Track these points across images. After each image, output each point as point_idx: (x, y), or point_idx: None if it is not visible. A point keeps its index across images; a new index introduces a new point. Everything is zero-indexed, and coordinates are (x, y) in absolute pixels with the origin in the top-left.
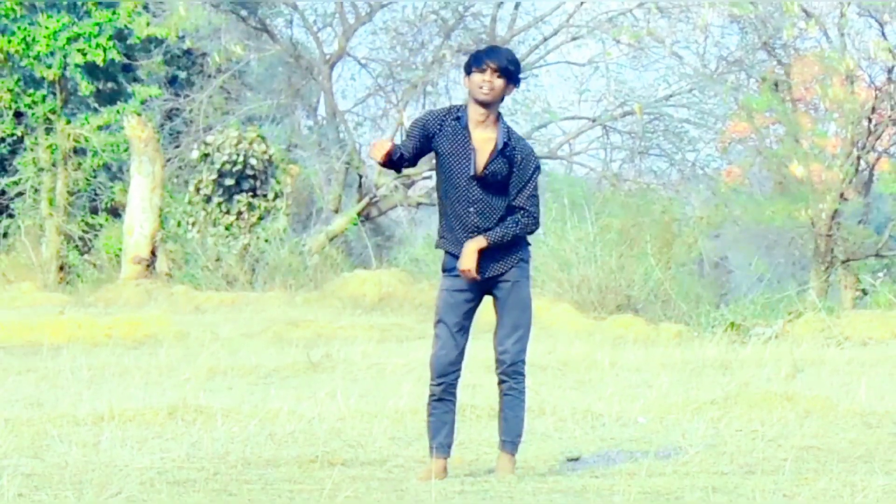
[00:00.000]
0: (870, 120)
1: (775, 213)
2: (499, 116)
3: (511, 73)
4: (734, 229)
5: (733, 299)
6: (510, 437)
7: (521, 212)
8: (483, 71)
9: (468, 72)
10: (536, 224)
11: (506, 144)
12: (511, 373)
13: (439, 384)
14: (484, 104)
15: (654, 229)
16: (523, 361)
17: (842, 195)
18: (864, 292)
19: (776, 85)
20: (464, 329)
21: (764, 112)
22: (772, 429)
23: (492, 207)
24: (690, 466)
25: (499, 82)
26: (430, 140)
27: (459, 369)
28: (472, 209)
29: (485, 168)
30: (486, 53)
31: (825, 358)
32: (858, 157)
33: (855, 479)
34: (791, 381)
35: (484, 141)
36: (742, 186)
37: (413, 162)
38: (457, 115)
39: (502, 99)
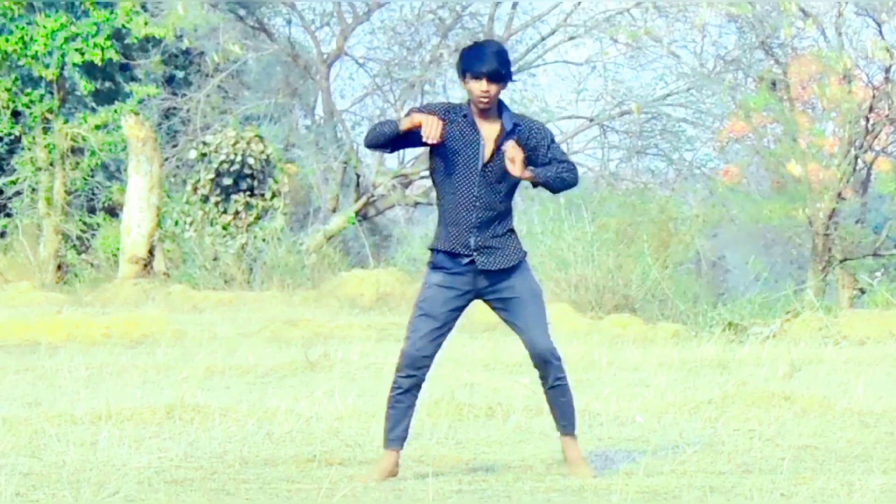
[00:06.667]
0: (867, 119)
1: (773, 213)
2: (500, 105)
3: (505, 75)
4: (731, 228)
5: (731, 298)
6: (568, 421)
7: (562, 163)
8: (479, 79)
9: (463, 75)
10: (577, 175)
11: (515, 126)
12: (557, 366)
13: (409, 376)
14: (485, 110)
15: (651, 229)
16: (555, 349)
17: (839, 194)
18: (862, 291)
19: (773, 84)
20: (446, 327)
21: (761, 111)
22: (769, 428)
23: (492, 206)
24: (688, 466)
25: (495, 88)
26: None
27: (430, 365)
28: (475, 205)
29: (492, 156)
30: (479, 59)
31: (823, 357)
32: (856, 157)
33: (852, 479)
34: (788, 381)
35: (490, 132)
36: (739, 185)
37: (402, 143)
38: (464, 113)
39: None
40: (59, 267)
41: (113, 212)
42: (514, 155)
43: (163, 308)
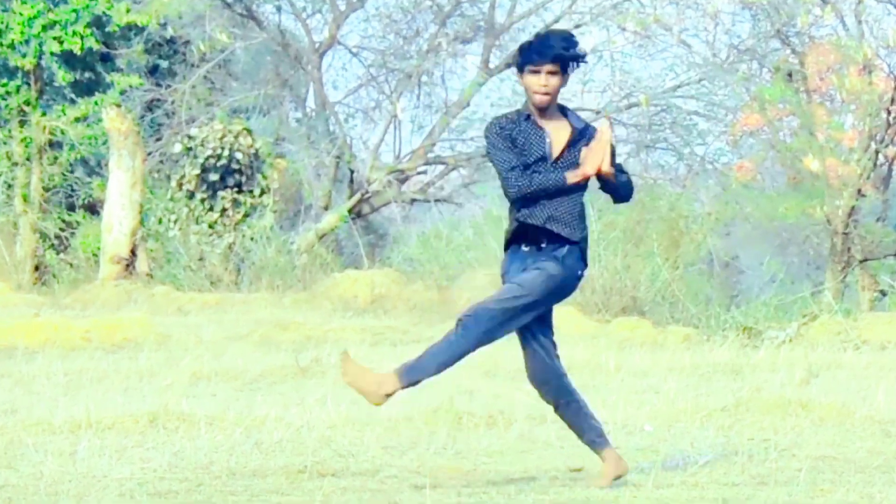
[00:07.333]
0: (888, 112)
1: (789, 210)
2: (562, 108)
3: (566, 64)
4: (745, 227)
5: (745, 301)
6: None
7: (624, 173)
8: (538, 73)
9: (520, 69)
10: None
11: (586, 126)
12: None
13: (541, 394)
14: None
15: (660, 227)
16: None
17: (859, 191)
18: (883, 293)
19: (790, 75)
20: (527, 328)
21: (777, 103)
22: (785, 437)
23: (563, 191)
24: (699, 477)
25: (554, 81)
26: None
27: (549, 376)
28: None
29: (563, 152)
30: (537, 51)
31: (841, 362)
32: (877, 151)
33: (873, 491)
34: (806, 387)
35: (556, 129)
36: (754, 182)
37: None
38: (526, 115)
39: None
40: (36, 267)
41: (93, 209)
42: (603, 147)
43: (146, 310)
